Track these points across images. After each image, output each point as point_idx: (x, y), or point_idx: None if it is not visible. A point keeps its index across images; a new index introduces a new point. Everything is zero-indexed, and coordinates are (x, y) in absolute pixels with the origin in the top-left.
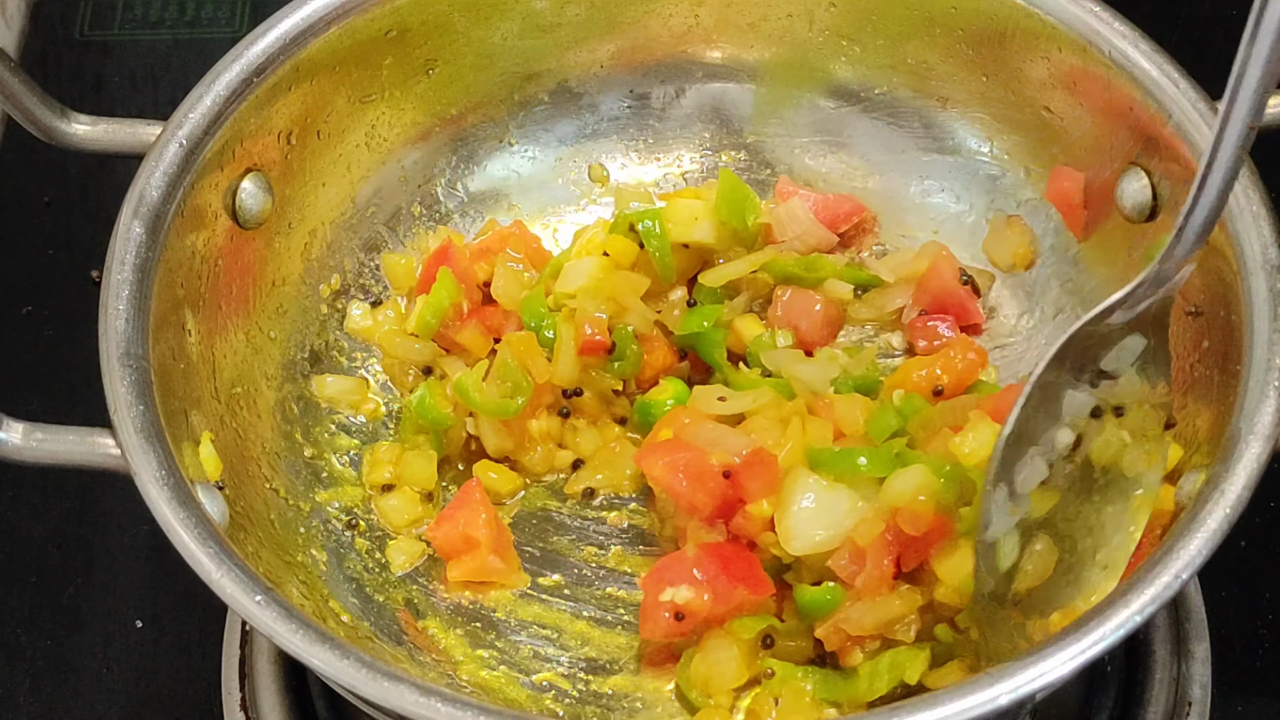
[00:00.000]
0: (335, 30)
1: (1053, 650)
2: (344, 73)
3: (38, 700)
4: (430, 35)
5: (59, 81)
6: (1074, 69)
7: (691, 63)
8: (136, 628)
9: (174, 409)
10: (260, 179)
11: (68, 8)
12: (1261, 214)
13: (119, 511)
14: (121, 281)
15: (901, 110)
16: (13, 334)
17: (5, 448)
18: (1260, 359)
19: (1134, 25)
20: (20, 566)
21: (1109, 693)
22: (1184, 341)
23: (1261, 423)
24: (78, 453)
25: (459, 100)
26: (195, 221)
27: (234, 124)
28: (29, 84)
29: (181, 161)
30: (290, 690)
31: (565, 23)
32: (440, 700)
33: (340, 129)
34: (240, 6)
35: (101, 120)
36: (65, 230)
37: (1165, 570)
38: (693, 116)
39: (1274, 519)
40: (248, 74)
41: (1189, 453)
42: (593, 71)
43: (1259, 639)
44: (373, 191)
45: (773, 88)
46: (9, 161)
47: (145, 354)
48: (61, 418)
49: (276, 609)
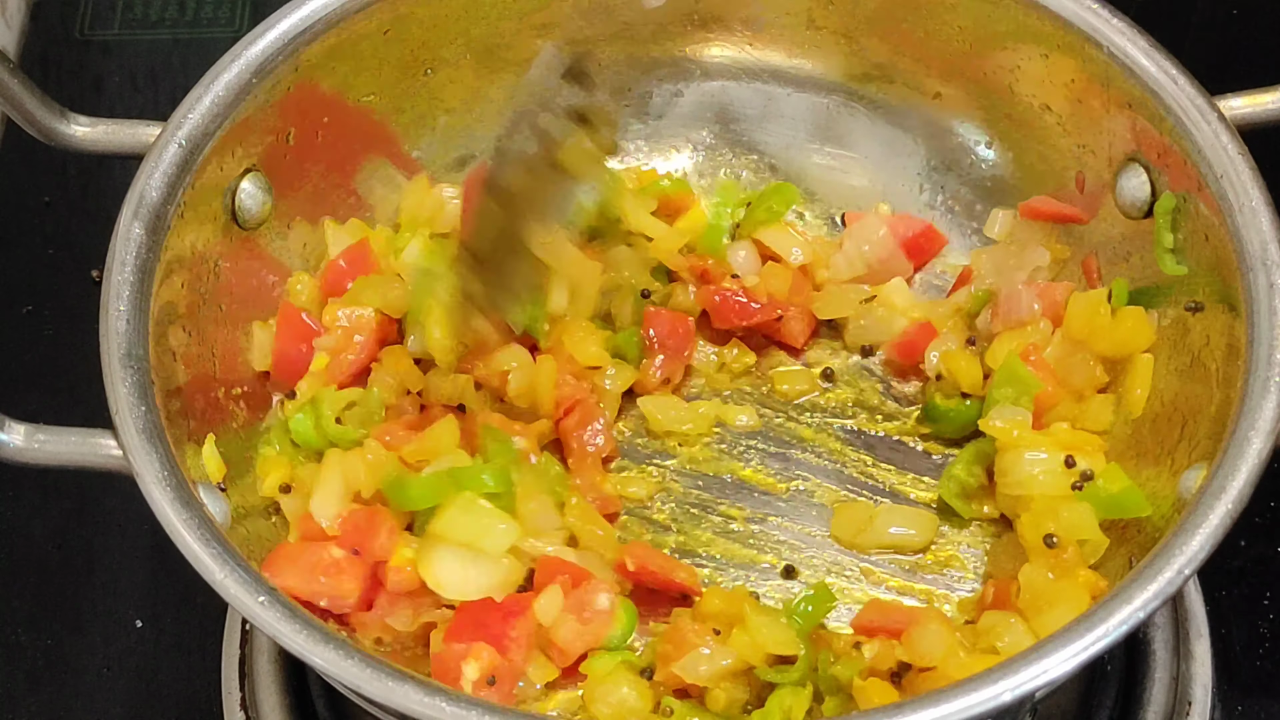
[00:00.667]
0: (334, 30)
1: (1055, 647)
2: (343, 72)
3: (38, 700)
4: (429, 35)
5: (59, 81)
6: (1072, 66)
7: (690, 61)
8: (136, 628)
9: (175, 410)
10: (260, 179)
11: (68, 8)
12: (1261, 210)
13: (119, 511)
14: (122, 282)
15: (900, 108)
16: (13, 334)
17: (7, 449)
18: (1261, 355)
19: (1132, 22)
20: (20, 566)
21: (1109, 692)
22: (1185, 338)
23: (1263, 419)
24: (79, 454)
25: (458, 100)
26: (195, 222)
27: (233, 124)
28: (28, 85)
29: (181, 162)
30: (290, 690)
31: (562, 22)
32: (445, 699)
33: (339, 129)
34: (240, 6)
35: (101, 121)
36: (65, 230)
37: (1167, 567)
38: (693, 116)
39: (1274, 519)
40: (247, 74)
41: (1190, 449)
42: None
43: (1259, 639)
44: (373, 192)
45: (771, 87)
46: (9, 161)
47: (146, 355)
48: (62, 417)
49: (280, 609)
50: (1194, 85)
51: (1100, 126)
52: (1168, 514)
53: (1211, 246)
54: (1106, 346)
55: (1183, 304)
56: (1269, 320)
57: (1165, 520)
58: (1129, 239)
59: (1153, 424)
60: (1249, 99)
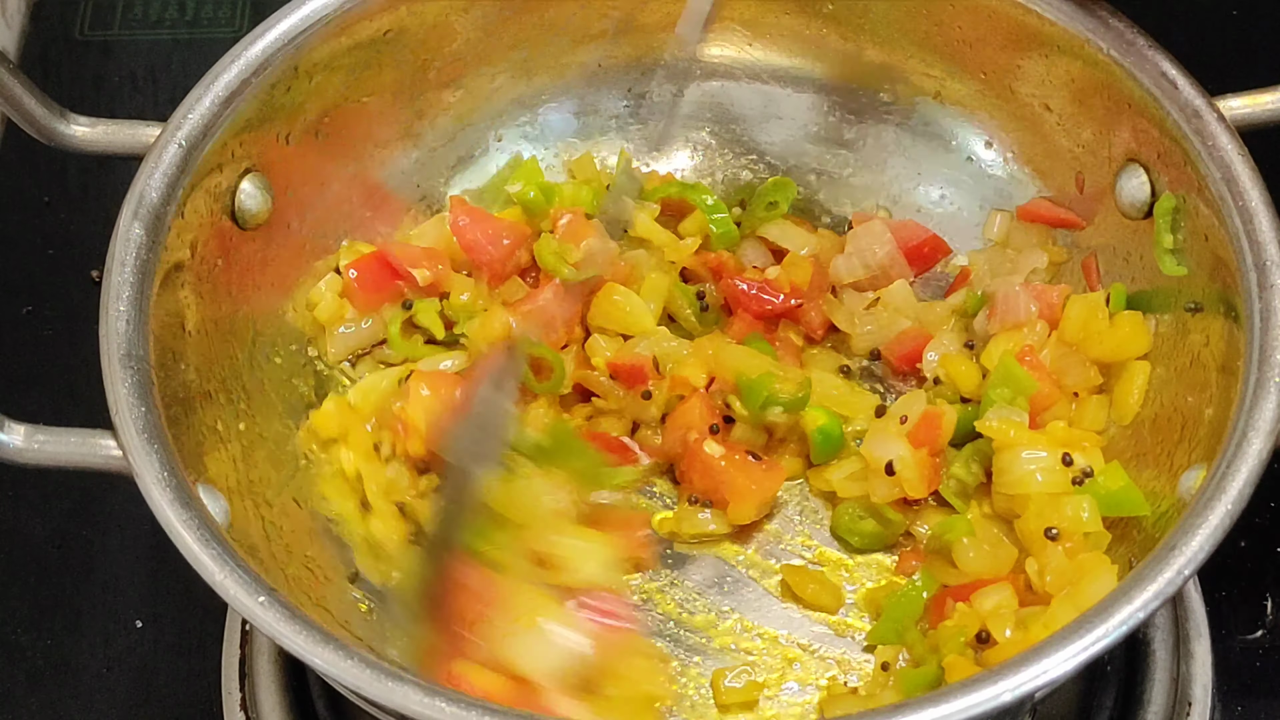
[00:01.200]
0: (333, 31)
1: (1055, 647)
2: (342, 73)
3: (38, 700)
4: (429, 36)
5: (59, 81)
6: (1072, 66)
7: (690, 61)
8: (136, 628)
9: (175, 410)
10: (259, 179)
11: (68, 7)
12: (1261, 210)
13: (119, 511)
14: (122, 283)
15: (899, 108)
16: (13, 334)
17: (7, 450)
18: (1261, 356)
19: (1132, 22)
20: (20, 566)
21: (1109, 692)
22: (1184, 338)
23: (1263, 419)
24: (79, 454)
25: (459, 100)
26: (195, 222)
27: (233, 125)
28: (28, 85)
29: (180, 162)
30: (290, 690)
31: (559, 21)
32: (445, 700)
33: (339, 129)
34: (240, 6)
35: (100, 121)
36: (65, 230)
37: (1168, 567)
38: (693, 116)
39: (1274, 519)
40: (246, 75)
41: (1189, 449)
42: (591, 70)
43: (1259, 639)
44: (373, 191)
45: (771, 87)
46: (9, 161)
47: (146, 355)
48: (62, 417)
49: (279, 610)
50: (1194, 85)
51: (1100, 127)
52: (1167, 514)
53: (1211, 247)
54: (1103, 350)
55: (1182, 305)
56: (1269, 321)
57: (1166, 520)
58: (1129, 240)
59: (1152, 425)
60: (1248, 99)
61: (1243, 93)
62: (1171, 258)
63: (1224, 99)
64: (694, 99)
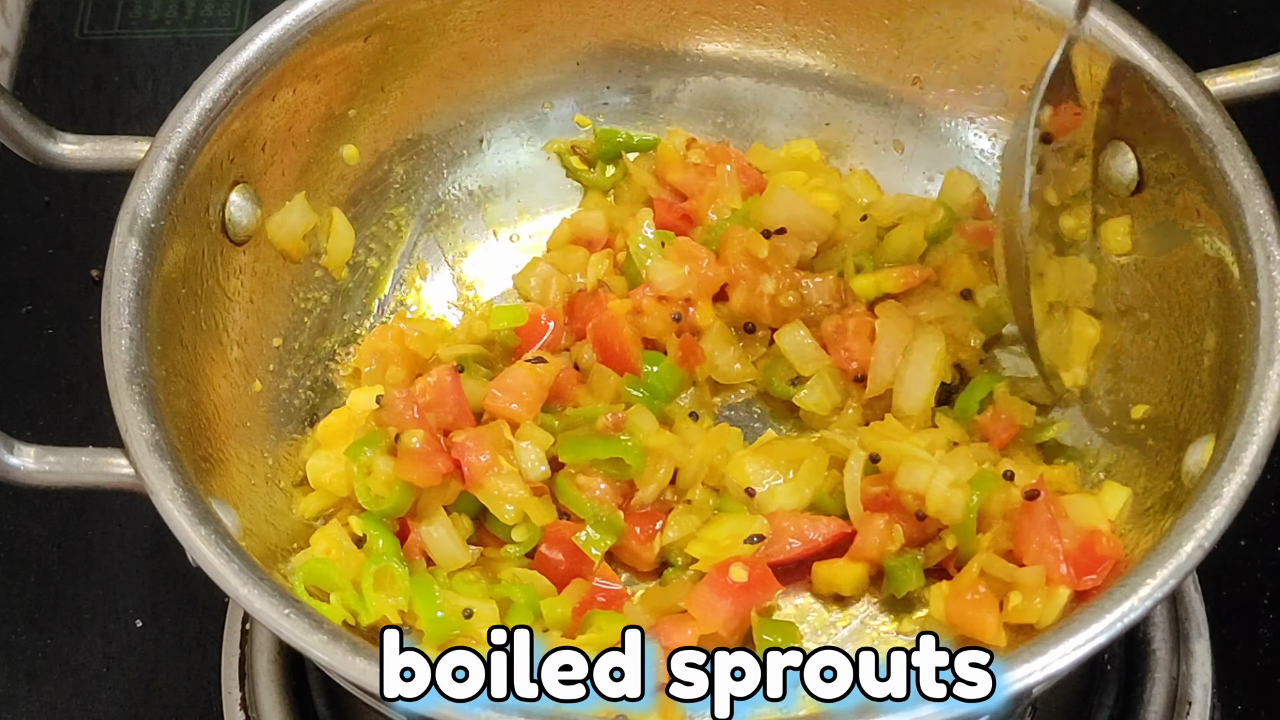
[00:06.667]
0: (317, 38)
1: (1054, 642)
2: (328, 80)
3: (38, 700)
4: (414, 39)
5: (59, 81)
6: (1055, 47)
7: (688, 54)
8: (136, 627)
9: (181, 425)
10: (248, 191)
11: (68, 7)
12: (1254, 183)
13: (119, 511)
14: (122, 301)
15: (886, 95)
16: (13, 334)
17: (18, 473)
18: (1266, 327)
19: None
20: (20, 566)
21: (1109, 692)
22: (1189, 312)
23: (1272, 388)
24: (91, 474)
25: (452, 102)
26: (188, 236)
27: (220, 137)
28: (13, 105)
29: (171, 177)
30: (290, 690)
31: (540, 22)
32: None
33: (328, 136)
34: (240, 6)
35: (88, 139)
36: (65, 230)
37: (1167, 565)
38: (695, 109)
39: (1274, 519)
40: (232, 86)
41: (1195, 420)
42: (585, 66)
43: (1259, 639)
44: (366, 195)
45: (770, 80)
46: (9, 161)
47: (151, 371)
48: (62, 418)
49: (307, 621)
50: (1178, 62)
51: (1084, 106)
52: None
53: (1204, 221)
54: None
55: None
56: (1269, 293)
57: (1166, 500)
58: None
59: (1152, 424)
60: (1233, 74)
61: (1226, 68)
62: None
63: (1208, 74)
64: (694, 91)
